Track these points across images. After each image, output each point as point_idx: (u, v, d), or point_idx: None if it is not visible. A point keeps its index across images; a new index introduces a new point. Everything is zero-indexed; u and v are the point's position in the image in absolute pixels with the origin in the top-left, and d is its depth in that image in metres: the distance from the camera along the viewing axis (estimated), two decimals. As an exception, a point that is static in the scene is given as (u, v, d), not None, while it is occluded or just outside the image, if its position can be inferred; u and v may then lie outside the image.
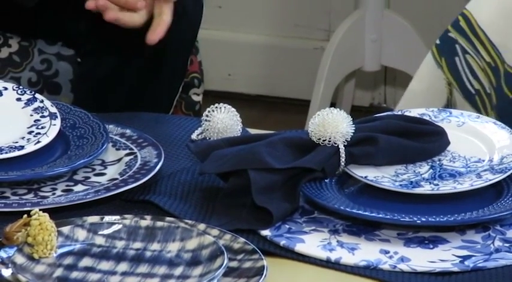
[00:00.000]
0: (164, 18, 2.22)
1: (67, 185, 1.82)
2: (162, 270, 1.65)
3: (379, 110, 3.37)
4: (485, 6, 2.12)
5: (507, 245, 1.70)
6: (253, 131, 1.99)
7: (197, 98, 2.60)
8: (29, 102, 1.93)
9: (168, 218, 1.76)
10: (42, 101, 1.93)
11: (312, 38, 3.37)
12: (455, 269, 1.65)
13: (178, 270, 1.64)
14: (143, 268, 1.65)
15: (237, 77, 3.43)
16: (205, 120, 1.88)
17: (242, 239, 1.68)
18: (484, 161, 1.81)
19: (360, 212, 1.73)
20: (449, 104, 2.09)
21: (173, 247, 1.68)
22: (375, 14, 3.10)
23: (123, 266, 1.65)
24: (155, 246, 1.68)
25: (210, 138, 1.87)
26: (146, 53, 2.34)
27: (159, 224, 1.72)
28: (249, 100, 3.43)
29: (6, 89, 1.95)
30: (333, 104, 3.21)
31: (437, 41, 2.19)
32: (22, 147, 1.84)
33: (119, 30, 2.28)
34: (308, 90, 3.09)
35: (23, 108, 1.93)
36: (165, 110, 2.40)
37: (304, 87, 3.18)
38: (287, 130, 2.10)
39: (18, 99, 1.95)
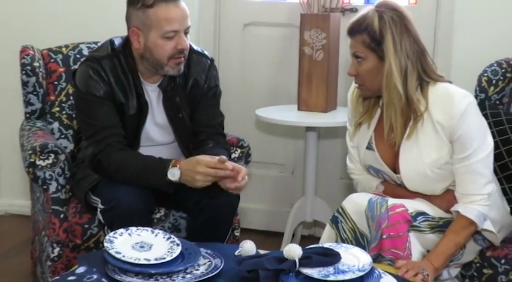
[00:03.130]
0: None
1: (182, 276, 1.76)
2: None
3: (312, 237, 3.26)
4: (350, 203, 2.04)
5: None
6: (261, 251, 1.90)
7: (237, 234, 2.49)
8: (168, 238, 1.88)
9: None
10: (173, 238, 1.88)
11: (285, 207, 3.30)
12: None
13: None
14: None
15: (255, 222, 3.36)
16: (240, 246, 1.85)
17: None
18: (355, 266, 1.75)
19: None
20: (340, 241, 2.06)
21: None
22: (310, 199, 2.99)
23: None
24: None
25: (242, 255, 1.83)
26: (214, 217, 2.21)
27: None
28: (259, 232, 3.31)
29: (159, 232, 1.90)
30: (293, 234, 3.10)
31: (330, 217, 2.09)
32: (165, 258, 1.78)
33: (205, 212, 2.22)
34: (283, 227, 3.03)
35: (165, 241, 1.87)
36: (223, 240, 2.28)
37: (282, 226, 3.09)
38: (274, 250, 1.98)
39: (163, 237, 1.88)
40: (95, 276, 1.74)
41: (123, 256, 1.78)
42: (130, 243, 1.85)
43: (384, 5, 1.99)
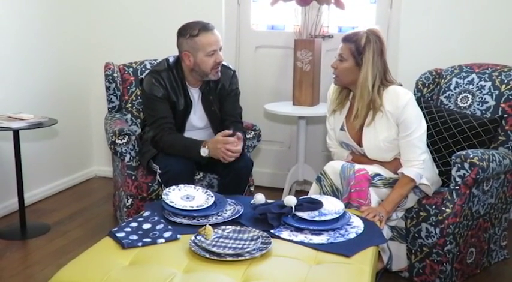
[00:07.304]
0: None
1: (215, 217, 1.75)
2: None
3: (303, 191, 3.12)
4: (329, 168, 1.98)
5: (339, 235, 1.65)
6: (269, 201, 1.85)
7: (252, 189, 2.37)
8: (205, 192, 1.85)
9: (246, 228, 1.63)
10: (209, 192, 1.86)
11: (284, 171, 3.20)
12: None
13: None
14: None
15: (264, 181, 3.21)
16: (254, 197, 1.83)
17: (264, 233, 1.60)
18: (333, 210, 1.73)
19: (298, 225, 1.67)
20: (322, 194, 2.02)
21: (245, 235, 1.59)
22: (301, 165, 2.86)
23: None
24: (240, 235, 1.60)
25: (255, 203, 1.82)
26: (236, 178, 2.17)
27: (242, 228, 1.63)
28: (267, 188, 3.20)
29: (199, 188, 1.87)
30: (290, 189, 2.96)
31: (315, 177, 1.97)
32: (203, 205, 1.77)
33: (230, 174, 2.16)
34: (283, 184, 2.98)
35: (203, 194, 1.85)
36: (242, 193, 2.21)
37: (282, 184, 3.05)
38: (278, 200, 1.90)
39: (202, 191, 1.85)
40: (156, 218, 1.73)
41: (175, 204, 1.77)
42: (179, 196, 1.85)
43: (373, 31, 1.94)
